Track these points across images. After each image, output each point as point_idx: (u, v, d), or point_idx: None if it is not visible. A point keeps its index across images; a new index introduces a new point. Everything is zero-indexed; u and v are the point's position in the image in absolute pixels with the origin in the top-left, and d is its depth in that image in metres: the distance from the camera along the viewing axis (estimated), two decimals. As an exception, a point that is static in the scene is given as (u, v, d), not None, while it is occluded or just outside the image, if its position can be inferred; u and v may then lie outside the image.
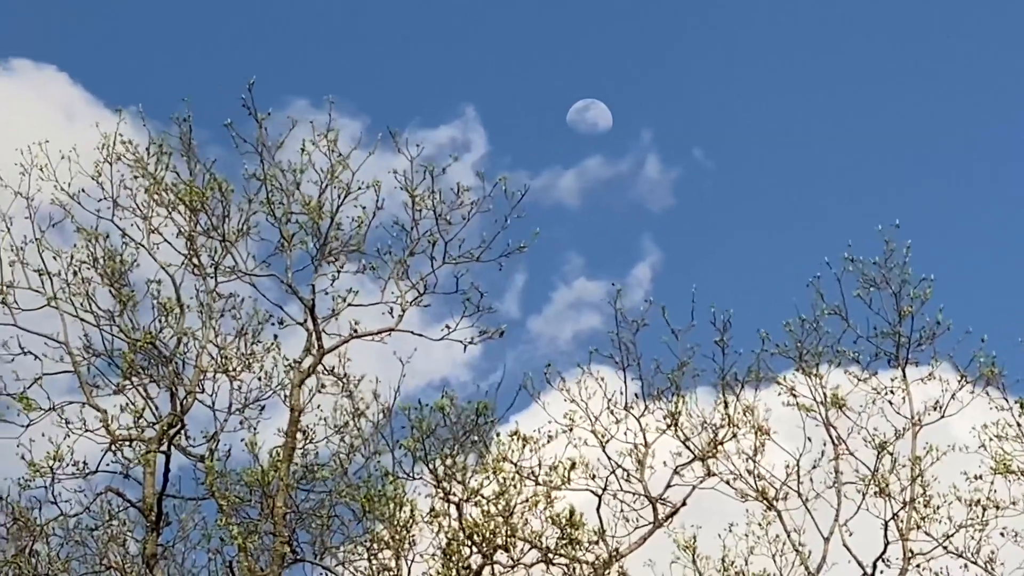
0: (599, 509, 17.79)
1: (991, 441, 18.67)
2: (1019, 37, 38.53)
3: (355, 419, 18.17)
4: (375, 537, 17.07)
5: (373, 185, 17.80)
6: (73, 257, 18.00)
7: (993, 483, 18.46)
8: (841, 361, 19.18)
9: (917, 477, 18.53)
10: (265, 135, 17.91)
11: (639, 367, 18.44)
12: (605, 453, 18.26)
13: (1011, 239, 32.35)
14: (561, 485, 17.26)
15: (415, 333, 17.92)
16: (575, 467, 17.46)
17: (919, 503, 18.51)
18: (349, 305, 17.86)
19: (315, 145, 17.88)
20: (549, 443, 17.57)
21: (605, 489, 18.01)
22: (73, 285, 17.90)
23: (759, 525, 18.88)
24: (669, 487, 18.13)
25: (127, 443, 17.41)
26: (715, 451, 18.39)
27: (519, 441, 17.27)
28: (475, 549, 16.64)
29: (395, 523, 16.63)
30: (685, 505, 18.08)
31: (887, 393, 19.10)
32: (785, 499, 18.67)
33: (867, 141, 38.17)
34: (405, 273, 17.96)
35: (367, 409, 18.25)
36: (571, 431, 18.17)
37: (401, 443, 16.91)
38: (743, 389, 18.65)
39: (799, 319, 19.10)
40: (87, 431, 17.36)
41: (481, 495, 16.78)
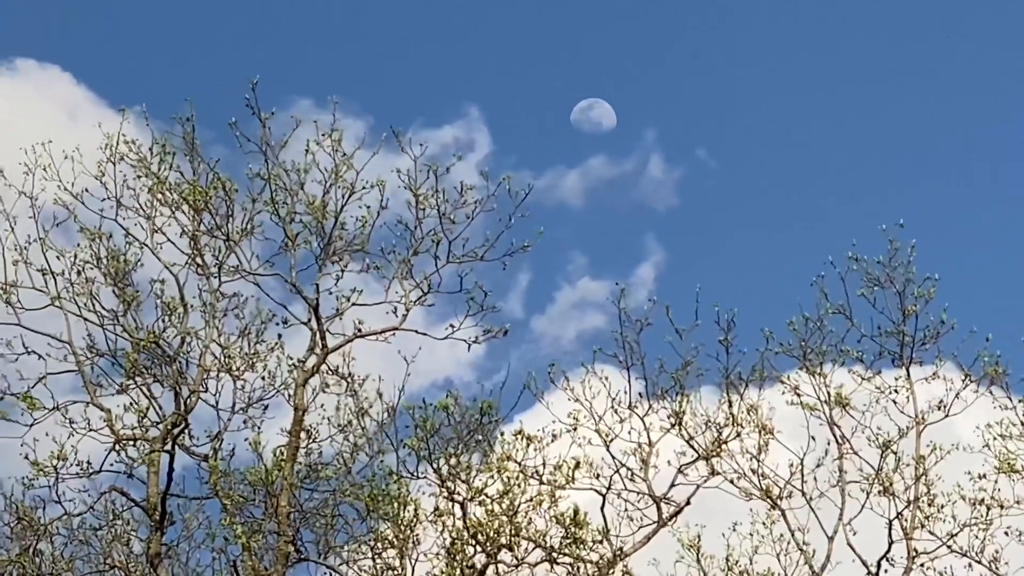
0: (603, 508, 17.80)
1: (995, 440, 18.69)
2: (1019, 37, 38.52)
3: (359, 418, 18.12)
4: (379, 536, 17.04)
5: (377, 184, 17.79)
6: (77, 257, 17.98)
7: (997, 482, 18.47)
8: (845, 360, 19.19)
9: (921, 476, 18.52)
10: (269, 134, 17.88)
11: (643, 366, 18.48)
12: (609, 452, 18.29)
13: (1016, 239, 32.34)
14: (565, 484, 17.23)
15: (419, 332, 17.88)
16: (579, 466, 17.42)
17: (923, 502, 18.50)
18: (353, 304, 17.80)
19: (319, 145, 17.86)
20: (553, 442, 17.56)
21: (609, 488, 18.01)
22: (77, 285, 17.89)
23: (763, 524, 18.89)
24: (673, 486, 18.13)
25: (131, 442, 17.37)
26: (719, 450, 18.38)
27: (523, 440, 17.25)
28: (479, 548, 16.63)
29: (399, 522, 16.60)
30: (689, 504, 18.08)
31: (891, 392, 19.08)
32: (789, 498, 18.68)
33: (870, 141, 38.18)
34: (409, 272, 17.92)
35: (371, 408, 18.22)
36: (575, 430, 18.14)
37: (405, 442, 16.89)
38: (747, 388, 18.68)
39: (803, 318, 19.10)
40: (91, 431, 17.33)
41: (485, 494, 16.76)
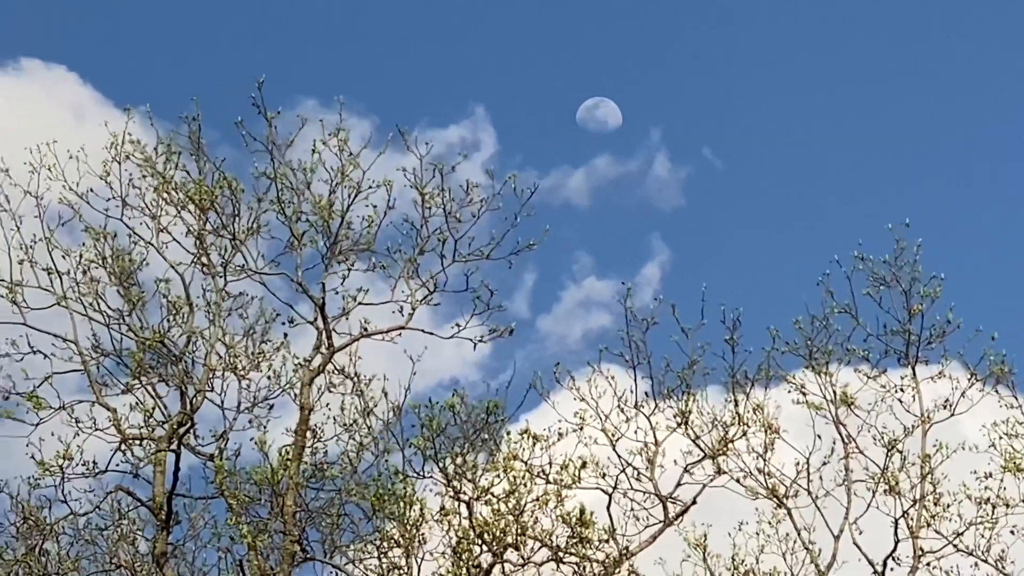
0: (609, 508, 17.78)
1: (1001, 439, 18.67)
2: (1019, 37, 38.51)
3: (365, 418, 18.11)
4: (385, 536, 17.05)
5: (384, 184, 17.80)
6: (82, 256, 17.95)
7: (1003, 481, 18.44)
8: (851, 359, 19.15)
9: (927, 475, 18.50)
10: (275, 134, 17.91)
11: (649, 366, 18.43)
12: (615, 452, 18.26)
13: (1022, 238, 32.34)
14: (571, 484, 17.25)
15: (425, 331, 17.89)
16: (585, 466, 17.44)
17: (929, 501, 18.48)
18: (359, 304, 17.83)
19: (325, 144, 17.88)
20: (559, 442, 17.57)
21: (615, 488, 17.98)
22: (82, 284, 17.86)
23: (769, 523, 18.89)
24: (679, 485, 18.12)
25: (137, 442, 17.35)
26: (725, 449, 18.36)
27: (529, 440, 17.27)
28: (485, 548, 16.63)
29: (405, 522, 16.60)
30: (695, 503, 18.06)
31: (897, 391, 19.06)
32: (795, 497, 18.67)
33: (874, 141, 38.22)
34: (415, 272, 17.94)
35: (376, 408, 18.19)
36: (581, 430, 18.13)
37: (411, 441, 16.90)
38: (753, 387, 18.64)
39: (809, 317, 19.08)
40: (97, 430, 17.29)
41: (491, 494, 16.78)
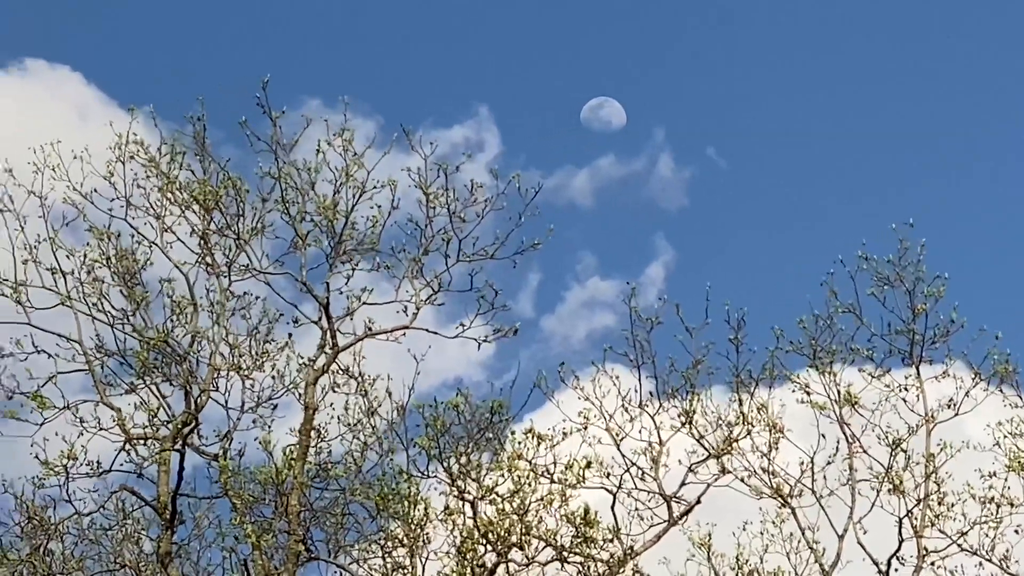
0: (614, 507, 17.80)
1: (1005, 438, 18.70)
2: (1019, 37, 38.51)
3: (369, 417, 18.10)
4: (389, 535, 17.06)
5: (389, 184, 17.80)
6: (86, 256, 17.95)
7: (1007, 480, 18.47)
8: (855, 359, 19.21)
9: (931, 474, 18.52)
10: (280, 133, 17.90)
11: (653, 365, 18.47)
12: (620, 451, 18.27)
13: (1024, 237, 32.34)
14: (576, 483, 17.22)
15: (429, 331, 17.88)
16: (590, 465, 17.42)
17: (933, 500, 18.49)
18: (363, 304, 17.83)
19: (330, 144, 17.87)
20: (563, 441, 17.54)
21: (620, 487, 18.00)
22: (86, 284, 17.85)
23: (773, 523, 18.90)
24: (684, 485, 18.13)
25: (141, 442, 17.34)
26: (730, 449, 18.37)
27: (534, 439, 17.24)
28: (490, 547, 16.62)
29: (409, 521, 16.61)
30: (700, 503, 18.08)
31: (901, 391, 19.09)
32: (799, 497, 18.67)
33: (878, 141, 38.22)
34: (419, 271, 17.93)
35: (380, 407, 18.19)
36: (586, 429, 18.15)
37: (416, 441, 16.91)
38: (757, 387, 18.67)
39: (813, 317, 19.11)
40: (101, 430, 17.27)
41: (496, 493, 16.76)
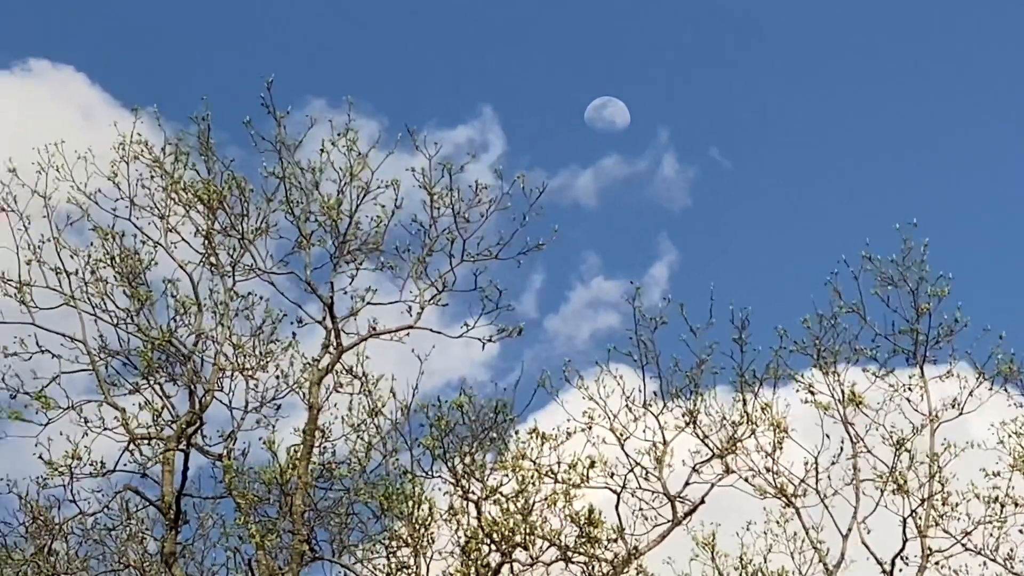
0: (618, 507, 17.81)
1: (1009, 438, 18.75)
2: (1019, 37, 38.49)
3: (373, 417, 18.09)
4: (393, 535, 17.05)
5: (392, 184, 17.78)
6: (90, 256, 17.94)
7: (1012, 480, 18.50)
8: (859, 359, 19.21)
9: (935, 474, 18.53)
10: (284, 133, 17.89)
11: (657, 365, 18.45)
12: (624, 451, 18.29)
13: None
14: (580, 483, 17.25)
15: (433, 331, 17.86)
16: (594, 465, 17.44)
17: (937, 500, 18.52)
18: (367, 304, 17.80)
19: (334, 144, 17.85)
20: (568, 441, 17.59)
21: (624, 487, 18.01)
22: (91, 284, 17.84)
23: (777, 523, 18.94)
24: (688, 485, 18.14)
25: (145, 442, 17.33)
26: (734, 448, 18.38)
27: (538, 439, 17.28)
28: (494, 547, 16.64)
29: (414, 521, 16.61)
30: (704, 503, 18.09)
31: (905, 390, 19.10)
32: (803, 496, 18.69)
33: (881, 141, 38.18)
34: (424, 271, 17.92)
35: (385, 407, 18.18)
36: (590, 429, 18.16)
37: (420, 441, 16.93)
38: (761, 387, 18.70)
39: (817, 317, 19.10)
40: (105, 430, 17.26)
41: (500, 493, 16.80)
